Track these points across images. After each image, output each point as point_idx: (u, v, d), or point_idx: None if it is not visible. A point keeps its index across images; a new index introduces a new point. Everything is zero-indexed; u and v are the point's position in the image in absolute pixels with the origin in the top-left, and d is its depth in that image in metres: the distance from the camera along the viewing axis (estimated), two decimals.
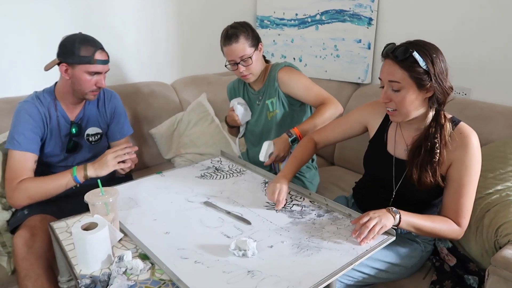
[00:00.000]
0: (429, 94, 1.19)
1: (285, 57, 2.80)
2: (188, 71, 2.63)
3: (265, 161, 1.62)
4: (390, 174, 1.36)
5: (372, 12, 2.34)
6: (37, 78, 2.01)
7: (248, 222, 1.25)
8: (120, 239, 1.17)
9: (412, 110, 1.22)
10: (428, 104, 1.22)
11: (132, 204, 1.37)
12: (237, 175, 1.60)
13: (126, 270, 1.04)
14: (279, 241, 1.15)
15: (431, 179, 1.23)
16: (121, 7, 2.26)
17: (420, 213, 1.23)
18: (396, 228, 1.18)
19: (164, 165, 2.30)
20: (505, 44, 1.88)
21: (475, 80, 2.02)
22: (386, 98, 1.24)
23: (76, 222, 1.15)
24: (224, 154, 1.81)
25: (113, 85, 2.18)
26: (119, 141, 1.78)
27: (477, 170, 1.23)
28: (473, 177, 1.22)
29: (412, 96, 1.19)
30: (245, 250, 1.06)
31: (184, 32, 2.57)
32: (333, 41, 2.55)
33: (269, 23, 2.81)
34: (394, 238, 1.16)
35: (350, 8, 2.43)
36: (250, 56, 1.67)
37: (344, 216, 1.29)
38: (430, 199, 1.34)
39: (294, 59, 2.75)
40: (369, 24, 2.37)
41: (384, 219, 1.14)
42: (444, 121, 1.22)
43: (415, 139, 1.29)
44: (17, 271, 1.33)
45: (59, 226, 1.25)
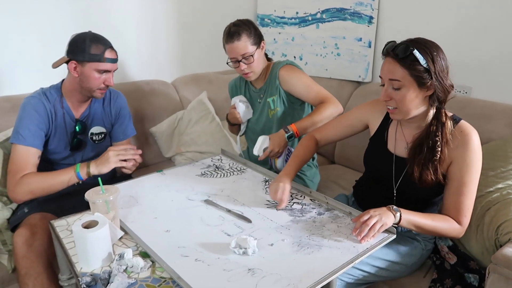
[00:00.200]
0: (430, 92, 1.19)
1: (285, 56, 2.80)
2: (189, 69, 2.63)
3: (258, 155, 1.63)
4: (390, 172, 1.36)
5: (373, 10, 2.34)
6: (38, 76, 2.02)
7: (248, 220, 1.25)
8: (121, 237, 1.17)
9: (413, 108, 1.22)
10: (429, 102, 1.22)
11: (132, 202, 1.37)
12: (238, 174, 1.60)
13: (126, 268, 1.04)
14: (280, 239, 1.15)
15: (432, 177, 1.23)
16: (121, 6, 2.26)
17: (420, 212, 1.23)
18: (396, 226, 1.18)
19: (165, 164, 2.30)
20: (506, 43, 1.87)
21: (476, 79, 2.01)
22: (386, 97, 1.24)
23: (77, 220, 1.15)
24: (225, 152, 1.81)
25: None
26: (122, 141, 1.79)
27: (478, 169, 1.23)
28: (474, 175, 1.22)
29: (413, 94, 1.19)
30: (245, 248, 1.06)
31: (185, 31, 2.57)
32: (333, 40, 2.55)
33: (269, 21, 2.81)
34: (394, 236, 1.16)
35: (350, 7, 2.42)
36: (252, 54, 1.66)
37: (344, 214, 1.29)
38: (430, 197, 1.34)
39: (295, 57, 2.75)
40: (370, 22, 2.37)
41: (384, 217, 1.14)
42: (445, 119, 1.22)
43: (416, 137, 1.29)
44: (17, 269, 1.33)
45: (59, 224, 1.25)
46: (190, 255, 1.07)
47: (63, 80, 1.63)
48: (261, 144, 1.62)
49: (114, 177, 1.80)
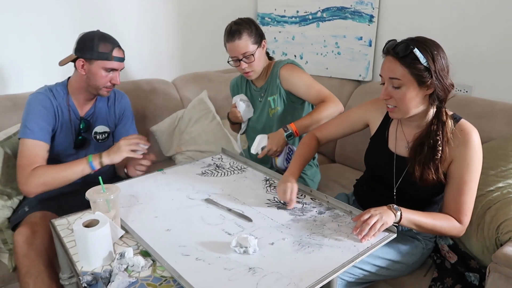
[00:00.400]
0: (430, 91, 1.19)
1: (286, 55, 2.80)
2: (189, 68, 2.63)
3: (255, 153, 1.63)
4: (391, 171, 1.36)
5: (373, 9, 2.34)
6: (38, 75, 2.02)
7: (249, 219, 1.25)
8: (121, 236, 1.17)
9: (412, 107, 1.22)
10: (429, 101, 1.22)
11: (133, 201, 1.37)
12: (238, 173, 1.60)
13: (127, 267, 1.04)
14: (280, 238, 1.15)
15: (434, 176, 1.23)
16: (122, 5, 2.26)
17: (421, 211, 1.23)
18: (397, 225, 1.18)
19: (165, 163, 2.30)
20: (507, 41, 1.87)
21: (476, 77, 2.01)
22: (386, 95, 1.24)
23: (78, 219, 1.15)
24: (225, 151, 1.81)
25: None
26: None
27: (478, 168, 1.23)
28: (474, 174, 1.22)
29: (413, 93, 1.19)
30: (246, 247, 1.06)
31: (185, 29, 2.57)
32: (334, 38, 2.55)
33: (270, 20, 2.80)
34: (395, 235, 1.16)
35: (351, 5, 2.42)
36: (253, 53, 1.66)
37: (345, 213, 1.29)
38: (431, 196, 1.33)
39: (295, 56, 2.75)
40: (370, 21, 2.37)
41: (385, 216, 1.14)
42: (446, 118, 1.22)
43: (416, 136, 1.28)
44: (18, 268, 1.34)
45: (60, 223, 1.25)
46: (190, 254, 1.07)
47: (69, 77, 1.64)
48: (259, 143, 1.62)
49: (115, 176, 1.81)
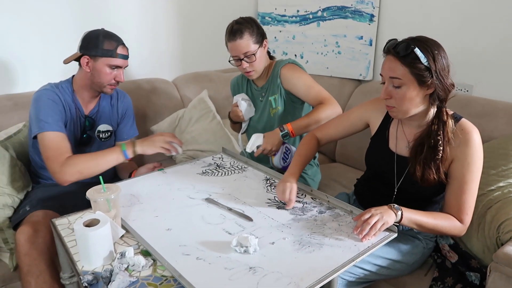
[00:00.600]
0: (430, 91, 1.19)
1: (286, 54, 2.80)
2: (190, 67, 2.63)
3: (250, 152, 1.63)
4: (391, 171, 1.36)
5: (374, 8, 2.34)
6: (38, 75, 2.03)
7: (249, 219, 1.25)
8: (122, 236, 1.17)
9: (413, 107, 1.22)
10: (429, 101, 1.22)
11: (134, 200, 1.37)
12: (239, 172, 1.60)
13: (128, 266, 1.04)
14: (281, 238, 1.15)
15: (435, 176, 1.23)
16: (122, 4, 2.26)
17: (422, 210, 1.23)
18: (398, 224, 1.18)
19: (166, 162, 2.30)
20: (508, 40, 1.87)
21: (477, 77, 2.01)
22: (386, 95, 1.23)
23: (78, 219, 1.15)
24: (226, 151, 1.81)
25: None
26: (125, 141, 1.81)
27: (479, 167, 1.23)
28: (475, 173, 1.22)
29: (413, 92, 1.18)
30: (246, 247, 1.06)
31: (185, 29, 2.57)
32: (334, 38, 2.55)
33: (270, 19, 2.80)
34: (395, 235, 1.16)
35: (351, 5, 2.42)
36: (254, 53, 1.66)
37: (345, 212, 1.29)
38: (432, 196, 1.33)
39: (296, 56, 2.75)
40: (371, 20, 2.37)
41: (386, 216, 1.14)
42: (447, 118, 1.22)
43: (417, 136, 1.28)
44: (20, 267, 1.34)
45: (61, 223, 1.25)
46: (191, 253, 1.07)
47: (73, 76, 1.65)
48: (254, 142, 1.62)
49: (115, 176, 1.81)
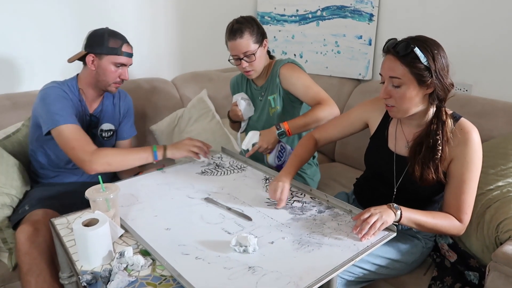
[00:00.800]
0: (430, 90, 1.19)
1: (285, 54, 2.80)
2: (189, 67, 2.63)
3: (246, 149, 1.63)
4: (391, 170, 1.36)
5: (373, 8, 2.34)
6: (38, 73, 2.02)
7: (249, 218, 1.25)
8: (121, 235, 1.17)
9: (412, 106, 1.22)
10: (429, 100, 1.22)
11: (133, 200, 1.37)
12: (238, 172, 1.60)
13: (127, 266, 1.04)
14: (280, 237, 1.15)
15: (433, 176, 1.23)
16: (121, 3, 2.25)
17: (421, 209, 1.23)
18: (397, 224, 1.18)
19: (165, 162, 2.29)
20: (507, 40, 1.87)
21: (476, 76, 2.01)
22: (386, 94, 1.23)
23: (77, 218, 1.15)
24: (225, 150, 1.81)
25: None
26: (125, 140, 1.85)
27: (478, 166, 1.23)
28: (474, 173, 1.22)
29: (413, 92, 1.18)
30: (246, 246, 1.06)
31: (185, 28, 2.56)
32: (334, 37, 2.55)
33: (269, 19, 2.80)
34: (395, 234, 1.16)
35: (351, 4, 2.42)
36: (254, 53, 1.65)
37: (345, 212, 1.29)
38: (431, 196, 1.33)
39: (295, 55, 2.75)
40: (370, 20, 2.37)
41: (385, 215, 1.14)
42: (446, 117, 1.22)
43: (416, 135, 1.28)
44: (20, 266, 1.33)
45: (60, 222, 1.25)
46: (190, 253, 1.07)
47: (77, 74, 1.66)
48: (250, 139, 1.62)
49: (115, 176, 1.81)
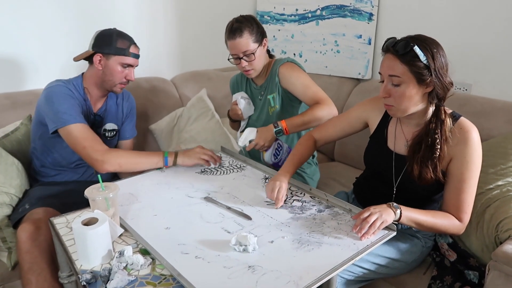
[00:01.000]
0: (429, 89, 1.19)
1: (285, 53, 2.80)
2: (188, 66, 2.63)
3: (242, 146, 1.63)
4: (390, 169, 1.36)
5: (373, 7, 2.34)
6: (37, 73, 2.02)
7: (248, 218, 1.25)
8: (121, 235, 1.17)
9: (411, 105, 1.22)
10: (428, 99, 1.22)
11: (132, 199, 1.37)
12: (238, 171, 1.60)
13: (126, 265, 1.04)
14: (280, 236, 1.15)
15: (432, 175, 1.23)
16: (120, 3, 2.25)
17: (421, 209, 1.23)
18: (396, 223, 1.18)
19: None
20: (507, 40, 1.87)
21: (476, 76, 2.01)
22: (385, 93, 1.23)
23: (77, 218, 1.15)
24: (225, 149, 1.81)
25: None
26: (127, 140, 1.86)
27: (478, 166, 1.23)
28: (474, 172, 1.22)
29: (412, 91, 1.18)
30: (245, 246, 1.06)
31: (184, 28, 2.56)
32: (333, 37, 2.55)
33: (269, 18, 2.80)
34: (394, 233, 1.16)
35: (350, 3, 2.42)
36: (253, 52, 1.65)
37: (344, 211, 1.29)
38: (430, 195, 1.33)
39: (294, 54, 2.75)
40: (370, 19, 2.37)
41: (385, 214, 1.14)
42: (445, 116, 1.22)
43: (415, 134, 1.28)
44: (20, 264, 1.33)
45: (59, 221, 1.24)
46: (190, 252, 1.07)
47: (83, 73, 1.66)
48: (247, 136, 1.62)
49: (115, 175, 1.81)
